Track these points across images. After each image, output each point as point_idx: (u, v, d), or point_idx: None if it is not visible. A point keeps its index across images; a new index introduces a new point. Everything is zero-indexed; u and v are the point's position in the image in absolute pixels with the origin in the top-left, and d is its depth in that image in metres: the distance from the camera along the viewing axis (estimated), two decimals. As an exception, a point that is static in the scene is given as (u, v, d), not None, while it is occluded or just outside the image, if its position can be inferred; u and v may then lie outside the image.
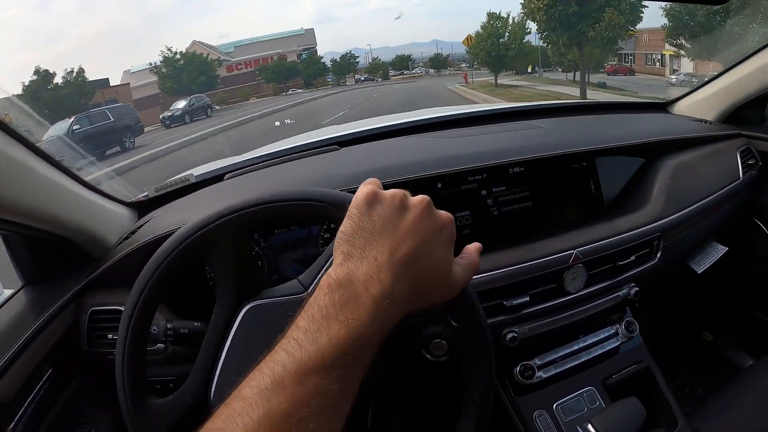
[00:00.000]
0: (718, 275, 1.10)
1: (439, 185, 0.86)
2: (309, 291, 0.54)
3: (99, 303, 0.79)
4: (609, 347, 0.91)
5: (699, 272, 1.07)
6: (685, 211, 0.97)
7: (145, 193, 0.99)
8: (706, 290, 1.28)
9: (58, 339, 0.77)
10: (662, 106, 1.27)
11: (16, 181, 0.65)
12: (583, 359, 0.88)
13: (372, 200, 0.42)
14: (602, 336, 0.91)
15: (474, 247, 0.49)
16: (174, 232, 0.54)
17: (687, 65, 16.42)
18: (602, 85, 17.58)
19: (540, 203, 0.92)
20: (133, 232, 0.86)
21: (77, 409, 0.79)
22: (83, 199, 0.81)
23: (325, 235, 0.84)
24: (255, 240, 0.83)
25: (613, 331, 0.92)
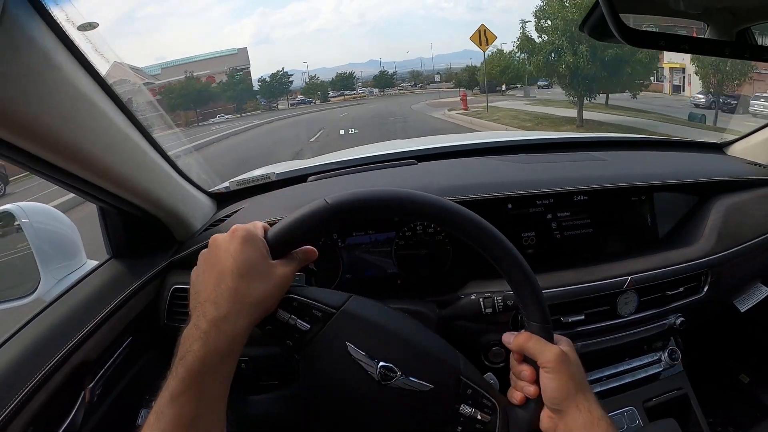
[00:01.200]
0: (760, 317, 1.12)
1: (510, 206, 0.92)
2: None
3: (181, 282, 0.86)
4: (651, 372, 0.96)
5: (742, 311, 1.09)
6: (734, 249, 1.01)
7: (226, 185, 1.07)
8: (748, 331, 1.29)
9: (140, 311, 0.84)
10: (718, 147, 1.31)
11: (133, 161, 0.74)
12: (626, 380, 0.94)
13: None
14: (646, 360, 0.96)
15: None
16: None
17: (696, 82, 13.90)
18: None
19: (599, 230, 0.97)
20: (221, 220, 0.93)
21: (149, 379, 0.85)
22: (178, 185, 0.89)
23: (400, 242, 0.91)
24: (334, 240, 0.89)
25: (657, 357, 0.97)
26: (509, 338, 0.58)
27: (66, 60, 0.57)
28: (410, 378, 0.53)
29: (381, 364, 0.53)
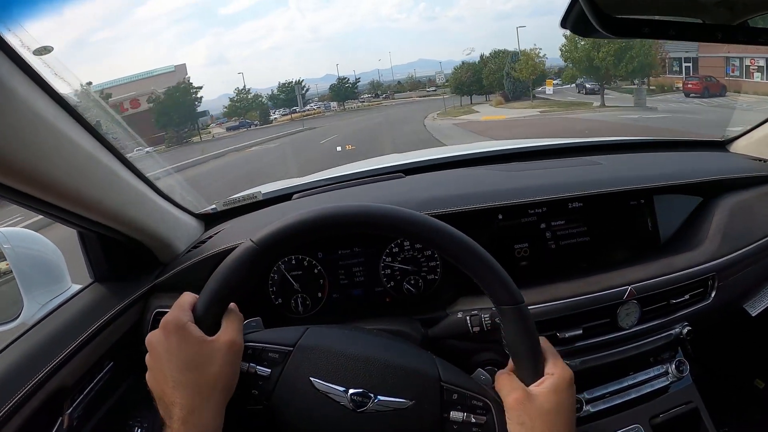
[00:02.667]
0: None
1: (500, 216, 0.88)
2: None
3: (164, 305, 0.84)
4: (658, 386, 0.91)
5: (753, 315, 1.04)
6: (742, 251, 0.96)
7: (213, 206, 1.05)
8: (761, 335, 1.24)
9: (122, 335, 0.83)
10: (721, 145, 1.26)
11: (103, 184, 0.72)
12: (631, 396, 0.89)
13: None
14: (652, 374, 0.91)
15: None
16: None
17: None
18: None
19: (597, 238, 0.93)
20: (202, 242, 0.92)
21: (131, 404, 0.84)
22: (158, 207, 0.87)
23: (387, 260, 0.87)
24: (319, 259, 0.87)
25: (664, 369, 0.92)
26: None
27: (23, 85, 0.55)
28: (385, 398, 0.51)
29: (351, 391, 0.51)
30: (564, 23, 0.61)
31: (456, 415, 0.51)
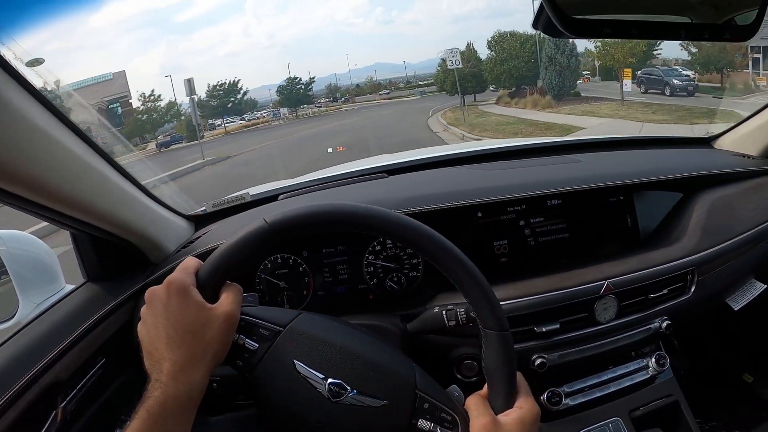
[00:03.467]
0: (757, 314, 1.07)
1: (479, 214, 0.90)
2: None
3: None
4: (638, 379, 0.92)
5: (736, 309, 1.05)
6: (722, 245, 0.97)
7: (203, 208, 1.08)
8: (747, 329, 1.25)
9: (114, 333, 0.85)
10: (706, 141, 1.27)
11: (95, 187, 0.75)
12: (611, 390, 0.90)
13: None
14: (632, 368, 0.92)
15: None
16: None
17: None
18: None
19: (576, 235, 0.95)
20: (191, 242, 0.94)
21: (123, 399, 0.86)
22: (149, 209, 0.90)
23: (370, 257, 0.89)
24: (304, 257, 0.89)
25: (644, 363, 0.93)
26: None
27: (17, 95, 0.58)
28: (361, 394, 0.52)
29: (330, 380, 0.53)
30: (536, 25, 0.63)
31: (424, 423, 0.52)
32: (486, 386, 0.57)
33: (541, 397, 0.85)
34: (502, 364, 0.54)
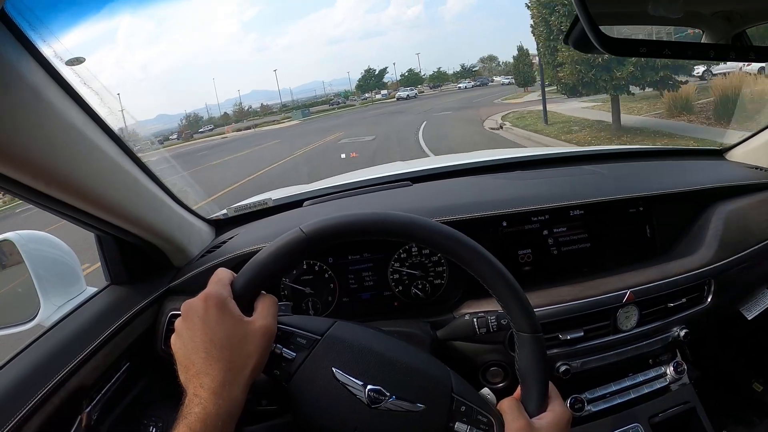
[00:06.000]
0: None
1: (504, 224, 0.92)
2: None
3: (178, 308, 0.85)
4: (657, 386, 0.94)
5: (749, 318, 1.07)
6: (737, 256, 0.99)
7: (224, 212, 1.08)
8: (758, 338, 1.26)
9: (137, 337, 0.85)
10: (718, 153, 1.29)
11: (126, 189, 0.75)
12: (631, 396, 0.92)
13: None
14: (651, 375, 0.94)
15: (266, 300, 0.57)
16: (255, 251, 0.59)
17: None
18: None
19: (597, 244, 0.96)
20: (216, 247, 0.94)
21: (146, 403, 0.86)
22: (175, 213, 0.90)
23: (395, 265, 0.90)
24: (329, 264, 0.90)
25: (662, 371, 0.95)
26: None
27: (56, 94, 0.58)
28: (400, 399, 0.53)
29: (369, 387, 0.53)
30: (566, 40, 0.64)
31: (461, 426, 0.53)
32: (519, 390, 0.58)
33: (565, 404, 0.86)
34: (535, 367, 0.55)
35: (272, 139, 20.34)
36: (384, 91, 53.21)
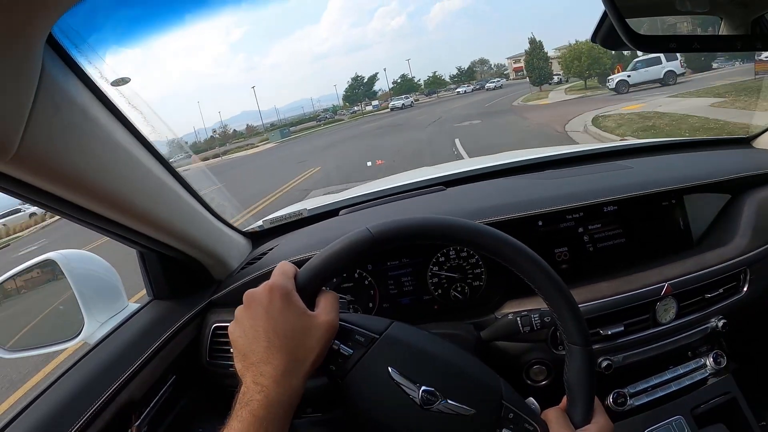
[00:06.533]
0: None
1: (540, 223, 0.93)
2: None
3: (221, 320, 0.88)
4: (697, 378, 0.94)
5: None
6: None
7: (260, 224, 1.09)
8: None
9: (182, 350, 0.86)
10: (745, 141, 1.29)
11: (170, 206, 0.77)
12: (672, 389, 0.92)
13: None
14: (691, 367, 0.94)
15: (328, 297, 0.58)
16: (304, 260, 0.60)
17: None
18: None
19: (632, 239, 0.97)
20: (257, 258, 0.96)
21: (193, 415, 0.88)
22: (214, 227, 0.92)
23: (434, 269, 0.91)
24: (369, 270, 0.91)
25: (702, 362, 0.95)
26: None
27: (102, 114, 0.60)
28: (452, 402, 0.54)
29: (423, 388, 0.54)
30: (594, 38, 0.65)
31: None
32: (564, 400, 0.58)
33: (608, 398, 0.87)
34: (584, 379, 0.56)
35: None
36: (375, 102, 48.66)
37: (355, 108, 49.63)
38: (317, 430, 0.74)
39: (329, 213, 1.08)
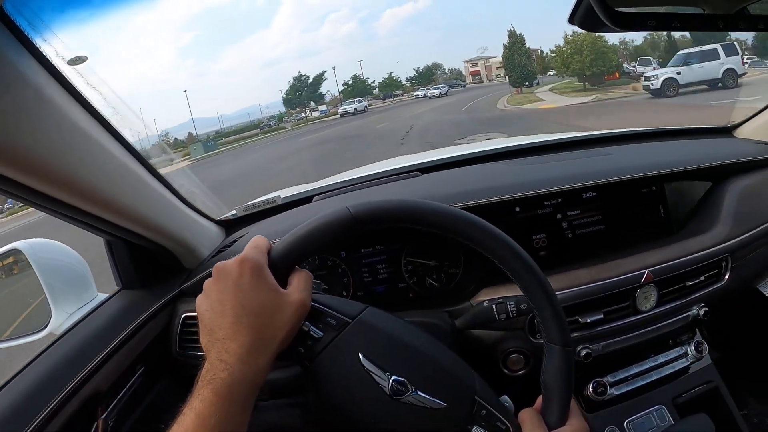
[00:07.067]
0: None
1: (517, 209, 0.91)
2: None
3: (192, 310, 0.85)
4: (679, 367, 0.93)
5: (767, 295, 1.06)
6: (753, 232, 0.98)
7: (233, 212, 1.07)
8: None
9: (152, 340, 0.84)
10: (727, 131, 1.28)
11: (134, 192, 0.74)
12: (653, 378, 0.90)
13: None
14: (672, 356, 0.93)
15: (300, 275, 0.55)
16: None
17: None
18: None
19: (612, 226, 0.95)
20: (227, 246, 0.93)
21: (164, 406, 0.85)
22: (184, 214, 0.90)
23: (409, 256, 0.89)
24: (342, 258, 0.89)
25: (683, 351, 0.94)
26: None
27: (59, 94, 0.57)
28: (423, 394, 0.52)
29: (393, 377, 0.52)
30: (572, 19, 0.63)
31: (479, 430, 0.52)
32: (539, 400, 0.57)
33: (587, 388, 0.85)
34: (561, 380, 0.54)
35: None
36: (323, 107, 40.93)
37: (302, 114, 41.30)
38: (283, 414, 0.72)
39: (303, 200, 1.06)
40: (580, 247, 0.93)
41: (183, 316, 0.86)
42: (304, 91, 42.32)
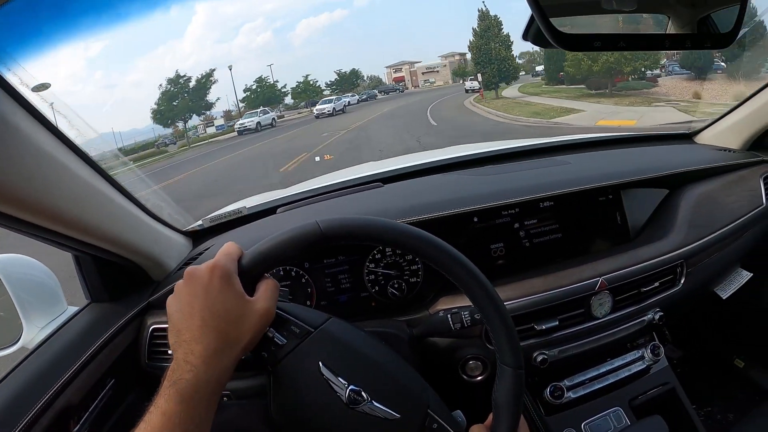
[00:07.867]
0: (744, 301, 1.11)
1: (476, 219, 0.93)
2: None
3: (159, 322, 0.87)
4: (635, 370, 0.96)
5: (724, 298, 1.09)
6: (708, 238, 1.01)
7: (200, 223, 1.08)
8: (736, 316, 1.29)
9: (121, 353, 0.85)
10: (688, 137, 1.31)
11: (100, 209, 0.76)
12: (610, 381, 0.93)
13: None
14: (629, 359, 0.96)
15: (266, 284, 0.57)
16: None
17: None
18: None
19: (569, 234, 0.98)
20: (193, 258, 0.94)
21: (135, 418, 0.86)
22: (150, 228, 0.91)
23: (371, 266, 0.91)
24: (305, 268, 0.91)
25: (640, 354, 0.97)
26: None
27: (24, 121, 0.59)
28: (378, 405, 0.54)
29: (351, 387, 0.54)
30: (525, 36, 0.65)
31: None
32: (490, 417, 0.59)
33: (545, 392, 0.88)
34: (511, 400, 0.57)
35: None
36: (219, 122, 29.61)
37: (193, 129, 28.61)
38: (243, 414, 0.74)
39: (268, 211, 1.07)
40: (537, 255, 0.96)
41: (151, 328, 0.87)
42: (186, 96, 28.98)
